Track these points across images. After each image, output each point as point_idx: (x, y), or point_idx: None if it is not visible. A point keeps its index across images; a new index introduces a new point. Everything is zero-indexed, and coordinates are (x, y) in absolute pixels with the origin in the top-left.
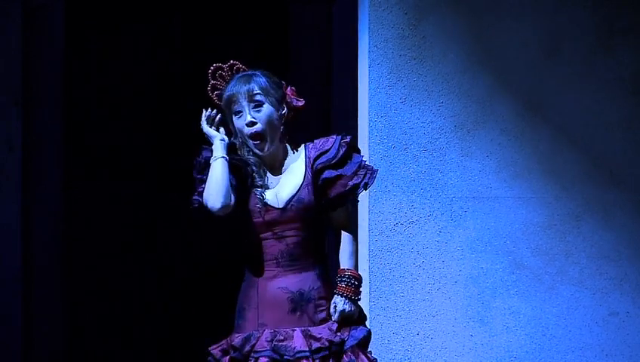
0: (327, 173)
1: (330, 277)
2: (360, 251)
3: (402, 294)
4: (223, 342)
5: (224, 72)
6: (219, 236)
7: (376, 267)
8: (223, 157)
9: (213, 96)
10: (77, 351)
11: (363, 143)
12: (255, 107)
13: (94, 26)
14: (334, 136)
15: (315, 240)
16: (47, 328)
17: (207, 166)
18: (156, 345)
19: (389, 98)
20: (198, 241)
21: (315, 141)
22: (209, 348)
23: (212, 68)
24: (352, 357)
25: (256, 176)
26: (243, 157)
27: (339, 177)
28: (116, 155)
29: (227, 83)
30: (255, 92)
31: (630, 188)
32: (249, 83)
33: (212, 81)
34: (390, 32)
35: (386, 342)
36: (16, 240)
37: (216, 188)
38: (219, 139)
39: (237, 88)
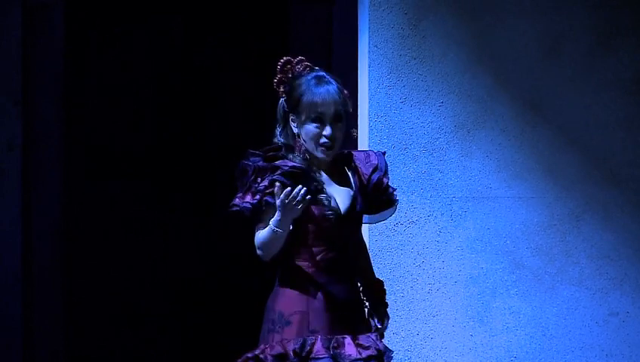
0: (391, 189)
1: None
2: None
3: (402, 294)
4: (264, 347)
5: (292, 65)
6: (220, 236)
7: (376, 267)
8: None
9: (280, 89)
10: (77, 351)
11: (363, 143)
12: (336, 120)
13: (94, 26)
14: (372, 151)
15: (358, 250)
16: (47, 328)
17: (260, 173)
18: (156, 344)
19: (389, 98)
20: (199, 241)
21: (354, 152)
22: (250, 353)
23: (281, 61)
24: None
25: (315, 183)
26: (295, 162)
27: (393, 192)
28: (116, 155)
29: (295, 78)
30: (340, 106)
31: (630, 188)
32: (334, 94)
33: (279, 75)
34: (390, 32)
35: (386, 342)
36: (16, 240)
37: (272, 251)
38: (291, 219)
39: (324, 97)
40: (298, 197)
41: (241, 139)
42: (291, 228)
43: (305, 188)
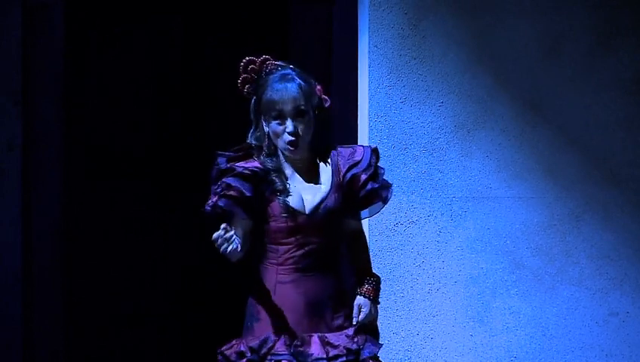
0: (370, 185)
1: (345, 283)
2: None
3: (402, 294)
4: (235, 342)
5: (256, 65)
6: None
7: (376, 267)
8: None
9: (245, 89)
10: (77, 351)
11: (363, 143)
12: (298, 116)
13: (94, 26)
14: (360, 146)
15: (334, 246)
16: (47, 328)
17: (222, 175)
18: (156, 344)
19: (389, 98)
20: (199, 241)
21: (339, 149)
22: (220, 349)
23: (244, 61)
24: None
25: (277, 182)
26: (264, 163)
27: (377, 189)
28: (116, 155)
29: (260, 78)
30: (301, 102)
31: (630, 188)
32: (294, 90)
33: (243, 75)
34: (390, 32)
35: (386, 342)
36: (16, 240)
37: (232, 259)
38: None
39: (282, 94)
40: (221, 240)
41: (240, 139)
42: (259, 226)
43: (232, 233)
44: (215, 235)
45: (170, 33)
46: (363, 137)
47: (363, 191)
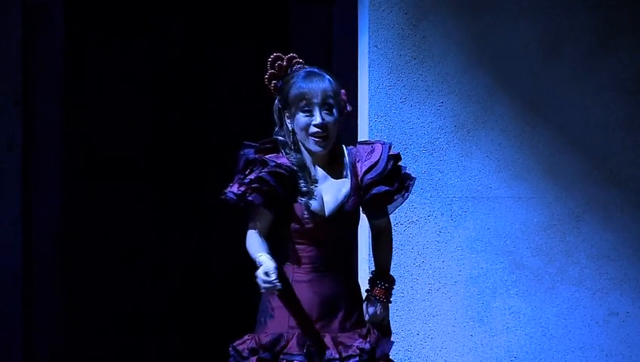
0: (376, 190)
1: (359, 284)
2: (360, 251)
3: (402, 294)
4: (247, 338)
5: (283, 62)
6: (220, 236)
7: None
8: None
9: (271, 85)
10: (77, 351)
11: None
12: (326, 109)
13: (94, 26)
14: (379, 146)
15: (350, 247)
16: (47, 328)
17: (249, 165)
18: (156, 344)
19: (389, 98)
20: (199, 241)
21: (358, 147)
22: (232, 343)
23: (271, 57)
24: None
25: (302, 183)
26: (289, 158)
27: (388, 192)
28: (116, 155)
29: (286, 75)
30: (330, 95)
31: (630, 188)
32: (324, 84)
33: (270, 70)
34: (390, 32)
35: None
36: (16, 240)
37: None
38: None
39: (311, 86)
40: (267, 285)
41: (241, 139)
42: (279, 225)
43: (275, 282)
44: (261, 280)
45: (170, 33)
46: (363, 137)
47: (369, 194)
